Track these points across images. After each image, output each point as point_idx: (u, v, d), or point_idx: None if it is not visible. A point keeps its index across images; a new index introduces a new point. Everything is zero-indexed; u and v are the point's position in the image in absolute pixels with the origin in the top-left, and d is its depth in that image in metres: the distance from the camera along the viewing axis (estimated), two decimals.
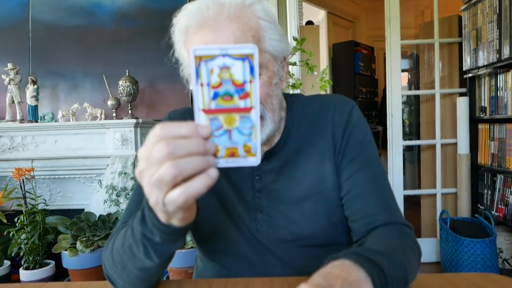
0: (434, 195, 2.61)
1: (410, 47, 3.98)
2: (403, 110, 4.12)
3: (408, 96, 4.04)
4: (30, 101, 2.44)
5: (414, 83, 3.92)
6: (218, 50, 0.37)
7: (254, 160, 0.40)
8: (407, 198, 4.06)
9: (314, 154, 0.70)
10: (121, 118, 2.44)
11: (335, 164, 0.69)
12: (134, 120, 2.31)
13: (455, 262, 2.12)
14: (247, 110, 0.38)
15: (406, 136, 4.23)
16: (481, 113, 2.37)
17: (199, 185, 0.38)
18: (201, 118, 0.39)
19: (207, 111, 0.39)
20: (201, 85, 0.38)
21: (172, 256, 0.58)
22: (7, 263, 2.07)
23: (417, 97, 3.31)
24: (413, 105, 4.07)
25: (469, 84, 2.43)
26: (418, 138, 3.16)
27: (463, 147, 2.43)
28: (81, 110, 2.52)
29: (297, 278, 0.64)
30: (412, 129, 4.21)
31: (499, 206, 2.25)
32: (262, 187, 0.69)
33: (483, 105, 2.35)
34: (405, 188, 2.63)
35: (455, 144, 2.50)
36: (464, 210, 2.43)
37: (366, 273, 0.42)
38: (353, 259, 0.44)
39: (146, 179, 0.40)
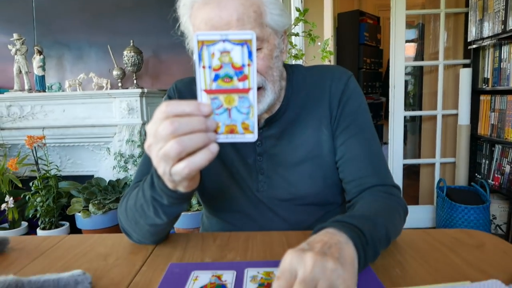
0: (433, 165, 2.67)
1: (417, 17, 3.91)
2: (407, 81, 4.12)
3: (414, 67, 4.02)
4: (37, 71, 2.48)
5: (420, 53, 3.89)
6: (219, 36, 0.41)
7: (251, 137, 0.44)
8: (407, 168, 4.13)
9: (311, 121, 0.75)
10: (127, 88, 2.48)
11: (331, 131, 0.74)
12: (139, 90, 2.35)
13: (449, 228, 2.21)
14: (246, 91, 0.42)
15: (410, 107, 4.24)
16: (483, 84, 2.38)
17: (201, 159, 0.43)
18: (203, 97, 0.43)
19: (208, 91, 0.42)
20: (203, 67, 0.42)
21: (179, 215, 0.65)
22: (24, 224, 2.20)
23: (421, 68, 3.29)
24: (417, 76, 4.06)
25: (473, 55, 2.42)
26: (421, 109, 3.18)
27: (464, 118, 2.46)
28: (87, 80, 2.56)
29: (294, 232, 0.71)
30: (415, 100, 4.22)
31: (496, 175, 2.31)
32: (263, 151, 0.75)
33: (486, 76, 2.36)
34: (405, 158, 2.68)
35: (456, 115, 2.53)
36: (461, 178, 2.49)
37: (347, 236, 0.46)
38: (336, 227, 0.48)
39: (154, 152, 0.45)
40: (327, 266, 0.37)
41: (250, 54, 0.41)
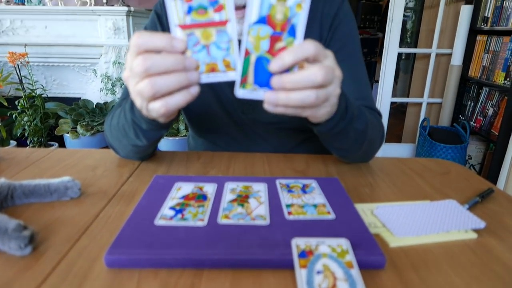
0: (420, 104, 2.71)
1: None
2: (407, 17, 3.96)
3: (415, 2, 3.84)
4: None
5: None
6: None
7: (234, 74, 0.41)
8: (395, 108, 4.17)
9: None
10: (112, 5, 2.34)
11: None
12: (125, 8, 2.23)
13: None
14: (223, 23, 0.38)
15: (406, 44, 4.14)
16: (482, 23, 2.32)
17: (179, 100, 0.40)
18: (177, 34, 0.39)
19: (183, 27, 0.38)
20: None
21: (160, 138, 0.66)
22: (13, 143, 2.21)
23: (422, 2, 3.16)
24: (417, 11, 3.90)
25: None
26: (416, 47, 3.13)
27: (457, 58, 2.44)
28: None
29: (275, 154, 0.75)
30: (412, 39, 4.11)
31: (478, 117, 2.38)
32: None
33: (486, 15, 2.29)
34: (394, 96, 2.70)
35: (450, 54, 2.51)
36: (445, 119, 2.56)
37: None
38: None
39: (131, 86, 0.43)
40: (337, 72, 0.44)
41: None
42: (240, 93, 0.41)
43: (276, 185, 0.56)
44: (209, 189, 0.54)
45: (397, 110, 4.04)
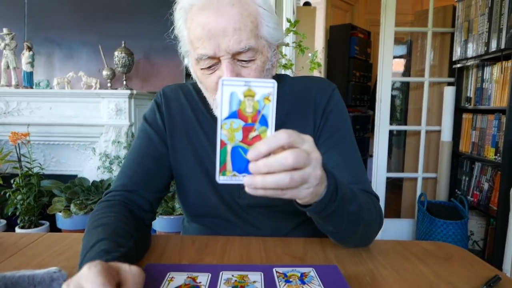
0: (416, 179, 2.73)
1: (406, 34, 4.00)
2: (395, 95, 4.20)
3: (401, 82, 4.10)
4: (25, 67, 2.46)
5: (408, 69, 3.97)
6: None
7: None
8: (391, 181, 4.19)
9: (295, 130, 0.77)
10: (116, 89, 2.48)
11: (314, 141, 0.76)
12: (128, 91, 2.35)
13: None
14: None
15: (396, 121, 4.32)
16: (466, 103, 2.45)
17: None
18: None
19: None
20: None
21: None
22: (3, 222, 2.15)
23: (408, 83, 3.37)
24: (404, 91, 4.14)
25: (457, 74, 2.50)
26: (406, 124, 3.25)
27: (446, 135, 2.53)
28: (76, 78, 2.54)
29: (271, 238, 0.73)
30: (402, 115, 4.30)
31: (475, 192, 2.38)
32: None
33: (468, 95, 2.44)
34: (390, 171, 2.73)
35: (439, 131, 2.60)
36: (442, 194, 2.55)
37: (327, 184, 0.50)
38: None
39: None
40: (315, 155, 0.45)
41: None
42: (221, 179, 0.43)
43: (273, 274, 0.53)
44: (203, 279, 0.52)
45: (394, 184, 4.04)
